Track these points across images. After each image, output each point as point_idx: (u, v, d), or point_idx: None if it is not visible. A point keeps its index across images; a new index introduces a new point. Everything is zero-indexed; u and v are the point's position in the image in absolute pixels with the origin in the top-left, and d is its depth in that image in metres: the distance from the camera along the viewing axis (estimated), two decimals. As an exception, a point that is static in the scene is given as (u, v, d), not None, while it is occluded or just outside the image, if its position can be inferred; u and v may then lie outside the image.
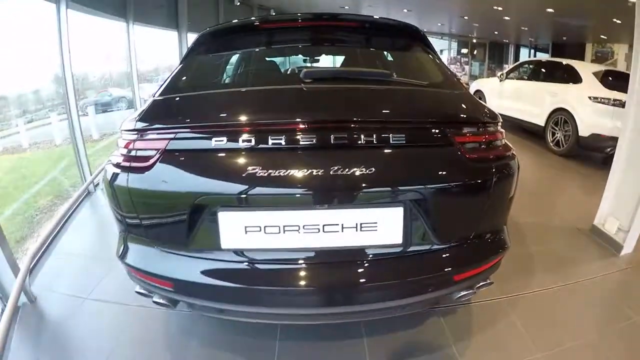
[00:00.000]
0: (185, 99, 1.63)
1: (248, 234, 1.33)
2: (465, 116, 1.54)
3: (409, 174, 1.37)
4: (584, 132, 4.96)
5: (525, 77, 6.69)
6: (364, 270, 1.39)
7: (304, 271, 1.37)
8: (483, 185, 1.42)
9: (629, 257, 2.65)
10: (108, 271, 2.44)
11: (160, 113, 1.55)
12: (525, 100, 6.25)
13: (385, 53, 2.40)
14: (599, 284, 2.38)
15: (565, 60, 5.93)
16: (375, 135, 1.33)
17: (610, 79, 5.09)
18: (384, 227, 1.35)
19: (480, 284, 1.56)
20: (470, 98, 1.70)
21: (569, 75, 5.52)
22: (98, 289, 2.31)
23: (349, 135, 1.32)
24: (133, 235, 1.49)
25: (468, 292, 1.54)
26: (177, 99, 1.63)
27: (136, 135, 1.42)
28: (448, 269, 1.42)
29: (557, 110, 5.45)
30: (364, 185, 1.30)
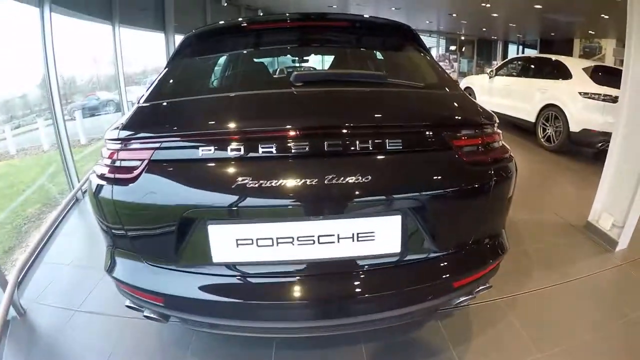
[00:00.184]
0: (170, 106, 1.56)
1: (240, 247, 1.28)
2: (463, 118, 1.49)
3: (406, 181, 1.32)
4: (575, 128, 4.99)
5: (515, 74, 6.71)
6: (362, 281, 1.34)
7: (299, 284, 1.32)
8: (482, 189, 1.38)
9: (624, 254, 2.66)
10: (98, 281, 2.37)
11: (144, 121, 1.48)
12: (516, 96, 6.27)
13: (377, 53, 2.35)
14: (595, 281, 2.38)
15: (555, 57, 5.96)
16: (371, 141, 1.28)
17: (600, 74, 5.12)
18: (381, 237, 1.30)
19: (479, 289, 1.54)
20: (467, 99, 1.66)
21: (559, 71, 5.55)
22: (89, 300, 2.25)
23: (343, 142, 1.27)
24: (120, 249, 1.42)
25: (467, 298, 1.51)
26: (162, 106, 1.56)
27: (120, 144, 1.35)
28: (447, 276, 1.38)
29: (548, 106, 5.47)
30: (360, 194, 1.25)
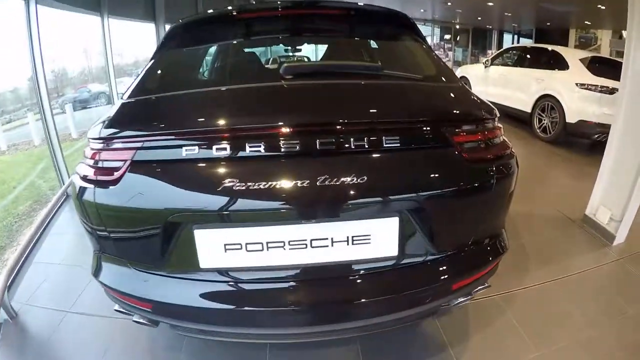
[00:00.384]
0: (153, 103, 1.47)
1: (228, 253, 1.22)
2: (464, 113, 1.41)
3: (404, 181, 1.25)
4: (571, 119, 4.96)
5: (511, 64, 6.66)
6: (357, 285, 1.29)
7: (291, 290, 1.26)
8: (484, 188, 1.33)
9: (622, 248, 2.64)
10: (88, 281, 2.31)
11: (127, 118, 1.39)
12: (511, 86, 6.22)
13: (372, 43, 2.25)
14: (593, 276, 2.36)
15: (551, 47, 5.91)
16: (367, 139, 1.20)
17: (597, 65, 5.08)
18: (378, 240, 1.25)
19: (478, 289, 1.50)
20: (467, 91, 1.59)
21: (556, 61, 5.50)
22: (80, 301, 2.20)
23: (336, 140, 1.19)
24: (106, 254, 1.37)
25: (466, 299, 1.47)
26: (145, 102, 1.48)
27: (102, 144, 1.28)
28: (446, 278, 1.34)
29: (544, 96, 5.43)
30: (355, 196, 1.18)
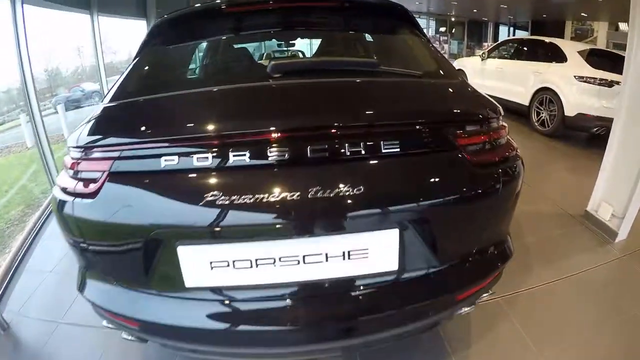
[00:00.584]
0: (132, 107, 1.37)
1: (214, 270, 1.13)
2: (468, 112, 1.31)
3: (405, 190, 1.15)
4: (570, 112, 4.90)
5: (508, 56, 6.59)
6: (354, 302, 1.20)
7: (284, 307, 1.18)
8: (490, 194, 1.24)
9: (624, 245, 2.60)
10: (80, 290, 2.27)
11: (105, 125, 1.29)
12: (509, 79, 6.16)
13: (368, 37, 2.14)
14: (595, 275, 2.31)
15: (549, 39, 5.83)
16: (363, 144, 1.10)
17: (596, 58, 5.02)
18: (376, 254, 1.15)
19: (482, 296, 1.44)
20: (470, 88, 1.49)
21: (554, 53, 5.43)
22: (71, 311, 2.15)
23: (329, 146, 1.09)
24: (90, 270, 1.30)
25: (469, 308, 1.40)
26: (124, 107, 1.38)
27: (80, 153, 1.19)
28: (450, 290, 1.27)
29: (542, 89, 5.37)
30: (350, 208, 1.08)
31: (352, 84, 1.38)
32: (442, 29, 24.57)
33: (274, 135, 1.09)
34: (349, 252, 1.14)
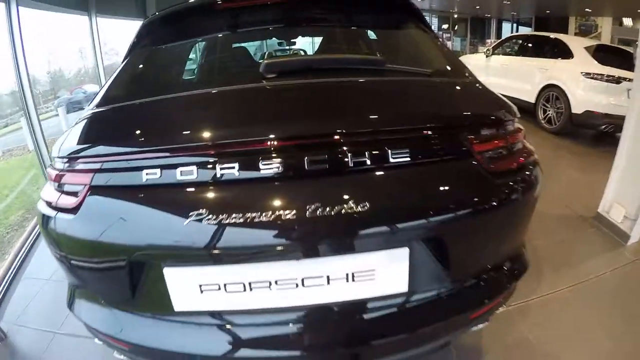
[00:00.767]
0: (113, 114, 1.27)
1: (205, 294, 1.03)
2: (484, 115, 1.19)
3: (417, 204, 1.03)
4: (577, 109, 4.80)
5: (513, 53, 6.49)
6: (358, 327, 1.11)
7: (281, 334, 1.09)
8: (510, 204, 1.13)
9: (636, 247, 2.51)
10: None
11: (87, 134, 1.17)
12: (514, 76, 6.05)
13: (372, 33, 2.01)
14: (608, 280, 2.23)
15: (555, 35, 5.74)
16: (368, 153, 0.99)
17: (602, 53, 4.92)
18: (384, 275, 1.05)
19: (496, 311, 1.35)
20: (484, 88, 1.37)
21: (560, 50, 5.33)
22: (68, 321, 2.08)
23: (330, 156, 0.98)
24: (79, 288, 1.23)
25: (483, 324, 1.30)
26: (109, 113, 1.28)
27: (63, 163, 1.11)
28: (464, 310, 1.17)
29: (548, 86, 5.27)
30: (355, 227, 0.97)
31: (356, 84, 1.27)
32: (445, 26, 24.41)
33: (267, 145, 0.98)
34: (353, 274, 1.03)
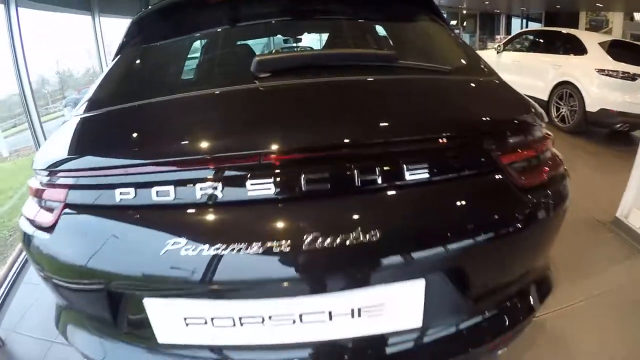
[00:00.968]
0: (94, 122, 1.16)
1: (190, 327, 0.92)
2: (512, 120, 1.04)
3: (437, 230, 0.88)
4: (592, 107, 4.63)
5: (525, 49, 6.31)
6: None
7: None
8: (540, 223, 0.99)
9: (658, 255, 2.38)
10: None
11: (66, 144, 1.05)
12: (526, 73, 5.87)
13: (382, 32, 1.82)
14: (628, 292, 2.09)
15: (567, 30, 5.57)
16: (379, 169, 0.84)
17: (617, 49, 4.74)
18: (394, 309, 0.91)
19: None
20: (509, 89, 1.20)
21: (573, 45, 5.16)
22: (64, 330, 2.04)
23: (333, 174, 0.84)
24: (64, 309, 1.15)
25: (502, 350, 1.20)
26: (90, 121, 1.16)
27: (41, 177, 1.03)
28: (483, 342, 1.03)
29: (562, 83, 5.10)
30: (363, 259, 0.84)
31: (364, 84, 1.11)
32: (454, 22, 24.13)
33: (257, 160, 0.84)
34: (359, 309, 0.90)
